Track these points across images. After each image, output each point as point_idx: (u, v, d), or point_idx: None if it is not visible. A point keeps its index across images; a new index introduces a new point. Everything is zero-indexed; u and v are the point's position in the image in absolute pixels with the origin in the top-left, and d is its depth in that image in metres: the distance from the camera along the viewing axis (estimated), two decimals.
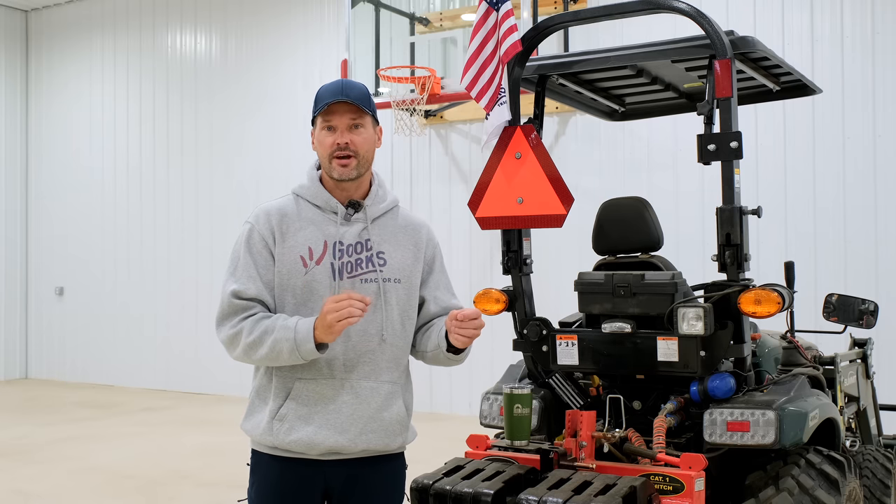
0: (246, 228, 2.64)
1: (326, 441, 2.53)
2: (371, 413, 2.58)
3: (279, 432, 2.55)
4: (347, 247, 2.61)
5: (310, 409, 2.54)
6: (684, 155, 7.70)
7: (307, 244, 2.59)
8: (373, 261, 2.62)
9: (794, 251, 7.25)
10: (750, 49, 3.43)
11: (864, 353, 4.69)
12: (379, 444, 2.60)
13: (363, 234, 2.64)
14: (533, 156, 3.49)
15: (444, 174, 9.27)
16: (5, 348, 12.19)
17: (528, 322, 3.64)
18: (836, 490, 3.19)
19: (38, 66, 12.46)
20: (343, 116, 2.58)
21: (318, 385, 2.55)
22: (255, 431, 2.60)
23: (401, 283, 2.67)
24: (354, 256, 2.61)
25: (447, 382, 9.20)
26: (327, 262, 2.59)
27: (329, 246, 2.60)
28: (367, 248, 2.63)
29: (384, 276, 2.63)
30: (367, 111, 2.61)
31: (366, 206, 2.66)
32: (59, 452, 7.45)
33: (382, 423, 2.60)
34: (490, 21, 3.56)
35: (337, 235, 2.61)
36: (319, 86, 2.72)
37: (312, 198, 2.65)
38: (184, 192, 11.09)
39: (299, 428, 2.53)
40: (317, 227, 2.62)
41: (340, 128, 2.58)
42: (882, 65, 7.27)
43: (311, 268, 2.58)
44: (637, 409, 3.56)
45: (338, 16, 9.61)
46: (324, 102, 2.58)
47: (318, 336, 2.44)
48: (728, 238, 3.28)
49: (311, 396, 2.55)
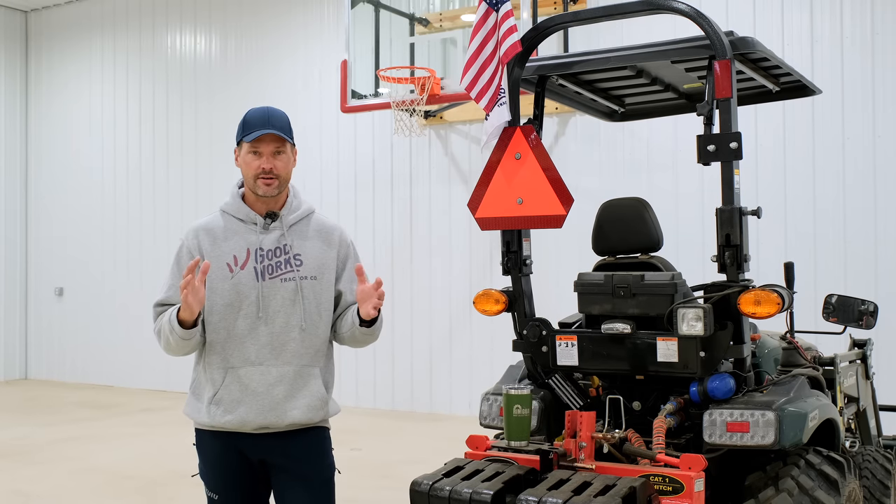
0: (178, 245, 3.13)
1: (256, 419, 2.98)
2: (294, 393, 3.01)
3: (216, 415, 3.00)
4: (267, 251, 3.05)
5: (241, 393, 2.99)
6: (684, 155, 7.70)
7: (232, 253, 3.04)
8: (290, 262, 3.05)
9: (793, 252, 7.25)
10: (750, 50, 3.43)
11: (863, 353, 4.69)
12: (303, 418, 3.03)
13: (281, 239, 3.07)
14: (533, 156, 3.50)
15: (443, 175, 9.28)
16: (5, 349, 12.19)
17: (528, 323, 3.64)
18: (836, 491, 3.19)
19: (37, 66, 12.46)
20: (269, 145, 3.02)
21: (247, 371, 2.99)
22: (197, 415, 3.06)
23: (317, 280, 3.08)
24: (274, 260, 3.04)
25: (447, 383, 9.20)
26: (251, 267, 3.03)
27: (251, 252, 3.04)
28: (284, 252, 3.06)
29: (301, 275, 3.05)
30: (287, 140, 3.05)
31: (282, 215, 3.10)
32: (59, 453, 7.45)
33: (304, 400, 3.03)
34: (490, 21, 3.56)
35: (257, 243, 3.05)
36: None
37: (235, 212, 3.11)
38: (183, 193, 11.09)
39: (233, 409, 2.99)
40: (240, 236, 3.07)
41: (266, 154, 3.02)
42: (882, 65, 7.27)
43: (237, 272, 3.02)
44: (637, 409, 3.56)
45: (338, 16, 9.61)
46: (253, 132, 3.00)
47: (182, 316, 2.87)
48: (728, 239, 3.28)
49: (242, 381, 2.99)
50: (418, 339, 9.36)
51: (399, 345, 9.48)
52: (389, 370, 9.53)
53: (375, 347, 9.31)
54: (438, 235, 9.29)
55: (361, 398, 9.49)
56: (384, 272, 9.34)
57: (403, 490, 3.16)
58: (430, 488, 2.91)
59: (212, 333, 3.02)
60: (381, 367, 9.56)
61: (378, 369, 9.58)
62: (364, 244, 9.18)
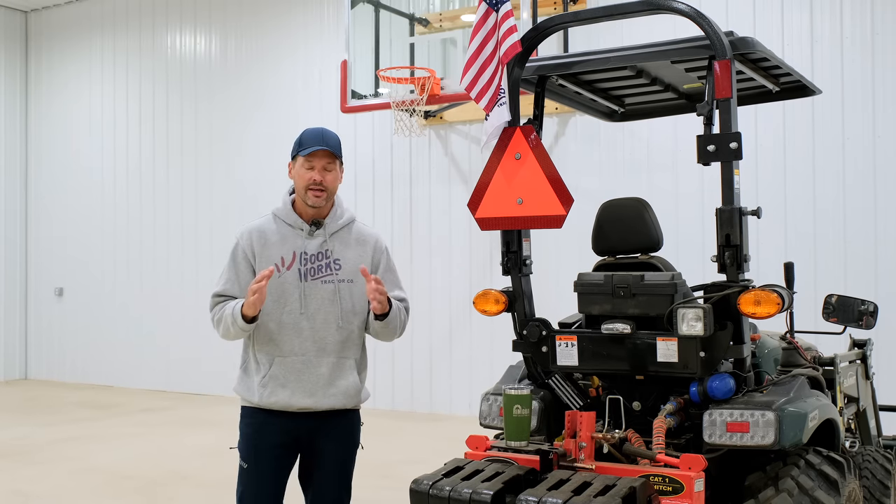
0: (233, 243, 3.51)
1: (300, 402, 3.40)
2: (333, 381, 3.43)
3: (264, 395, 3.41)
4: (311, 256, 3.44)
5: (286, 379, 3.39)
6: (684, 155, 7.70)
7: (280, 255, 3.43)
8: (331, 266, 3.45)
9: (793, 252, 7.25)
10: (749, 50, 3.43)
11: (863, 353, 4.69)
12: (338, 403, 3.45)
13: (323, 245, 3.46)
14: (532, 156, 3.49)
15: (443, 175, 9.28)
16: (5, 349, 12.19)
17: (528, 323, 3.64)
18: (836, 491, 3.19)
19: (37, 66, 12.46)
20: (321, 160, 3.41)
21: (292, 360, 3.40)
22: (247, 394, 3.47)
23: (353, 283, 3.47)
24: (316, 263, 3.44)
25: (447, 383, 9.20)
26: (296, 268, 3.42)
27: (297, 255, 3.44)
28: (326, 257, 3.45)
29: (339, 278, 3.45)
30: (338, 157, 3.44)
31: (325, 223, 3.48)
32: (59, 453, 7.45)
33: (341, 388, 3.45)
34: (490, 22, 3.56)
35: (303, 247, 3.45)
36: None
37: (285, 217, 3.49)
38: (183, 193, 11.09)
39: (278, 392, 3.40)
40: (288, 240, 3.46)
41: (318, 168, 3.41)
42: (882, 65, 7.27)
43: (284, 273, 3.41)
44: (636, 409, 3.56)
45: (338, 16, 9.61)
46: (309, 147, 3.39)
47: (245, 311, 3.27)
48: (728, 239, 3.28)
49: (287, 369, 3.40)
50: (418, 339, 9.36)
51: (399, 345, 9.45)
52: (389, 370, 9.53)
53: (375, 348, 9.27)
54: (438, 235, 9.29)
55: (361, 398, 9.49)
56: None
57: (403, 490, 3.16)
58: (430, 488, 2.91)
59: (261, 324, 3.39)
60: (381, 367, 9.55)
61: (378, 369, 9.55)
62: None
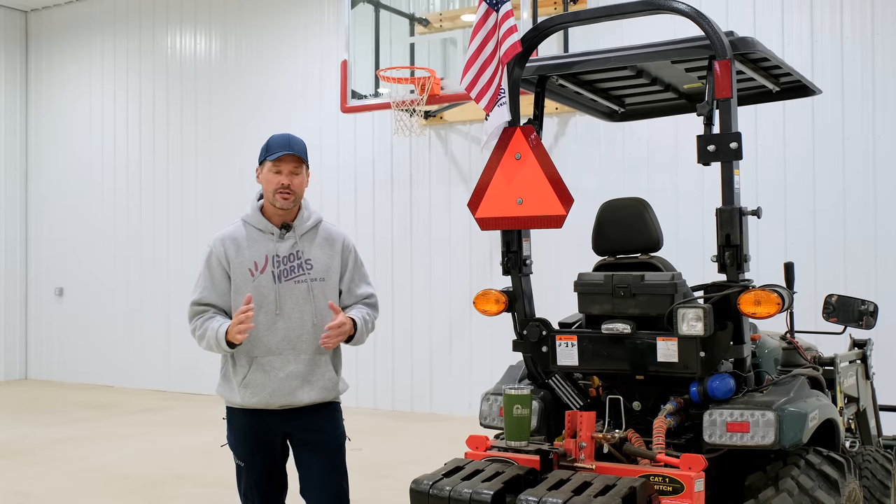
0: (207, 251, 3.63)
1: (279, 400, 3.54)
2: (309, 377, 3.57)
3: (245, 396, 3.56)
4: (283, 258, 3.58)
5: (265, 378, 3.54)
6: (684, 155, 7.70)
7: (253, 259, 3.57)
8: (302, 266, 3.59)
9: (793, 252, 7.25)
10: (750, 50, 3.43)
11: (863, 353, 4.69)
12: (318, 397, 3.60)
13: (294, 246, 3.60)
14: (532, 156, 3.50)
15: (443, 175, 9.27)
16: (5, 349, 12.19)
17: (528, 323, 3.64)
18: (836, 491, 3.19)
19: (37, 66, 12.46)
20: (288, 164, 3.55)
21: (269, 360, 3.54)
22: (229, 395, 3.63)
23: (325, 281, 3.62)
24: (289, 265, 3.58)
25: (447, 383, 9.20)
26: (269, 271, 3.56)
27: (269, 259, 3.57)
28: (297, 258, 3.59)
29: (311, 277, 3.59)
30: (304, 162, 3.58)
31: (294, 226, 3.62)
32: (59, 453, 7.45)
33: (318, 384, 3.59)
34: (490, 22, 3.56)
35: (274, 250, 3.58)
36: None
37: (255, 223, 3.62)
38: (184, 193, 11.09)
39: (259, 392, 3.55)
40: (260, 245, 3.59)
41: (285, 172, 3.54)
42: (882, 65, 7.27)
43: (258, 276, 3.55)
44: (637, 409, 3.56)
45: (338, 16, 9.61)
46: (276, 152, 3.52)
47: (230, 338, 3.41)
48: (728, 239, 3.28)
49: (265, 368, 3.54)
50: (418, 340, 9.36)
51: (399, 345, 9.48)
52: (389, 370, 9.53)
53: (375, 348, 9.32)
54: (438, 236, 9.29)
55: (362, 399, 9.49)
56: (384, 272, 9.35)
57: (403, 490, 3.16)
58: (431, 488, 2.91)
59: None
60: (381, 367, 9.56)
61: (378, 370, 9.58)
62: (364, 244, 9.17)
